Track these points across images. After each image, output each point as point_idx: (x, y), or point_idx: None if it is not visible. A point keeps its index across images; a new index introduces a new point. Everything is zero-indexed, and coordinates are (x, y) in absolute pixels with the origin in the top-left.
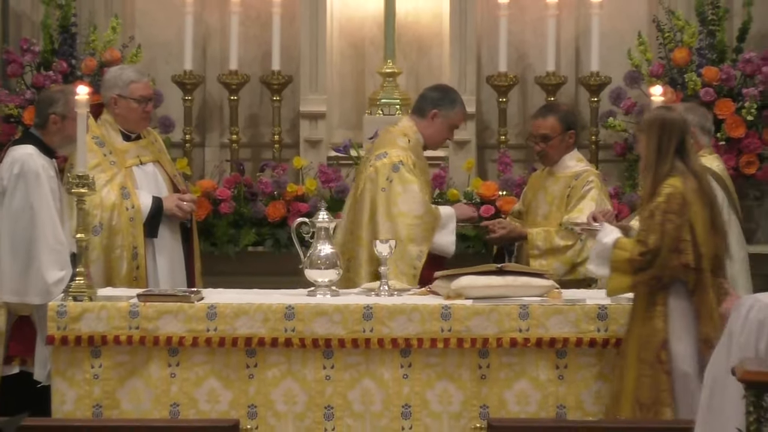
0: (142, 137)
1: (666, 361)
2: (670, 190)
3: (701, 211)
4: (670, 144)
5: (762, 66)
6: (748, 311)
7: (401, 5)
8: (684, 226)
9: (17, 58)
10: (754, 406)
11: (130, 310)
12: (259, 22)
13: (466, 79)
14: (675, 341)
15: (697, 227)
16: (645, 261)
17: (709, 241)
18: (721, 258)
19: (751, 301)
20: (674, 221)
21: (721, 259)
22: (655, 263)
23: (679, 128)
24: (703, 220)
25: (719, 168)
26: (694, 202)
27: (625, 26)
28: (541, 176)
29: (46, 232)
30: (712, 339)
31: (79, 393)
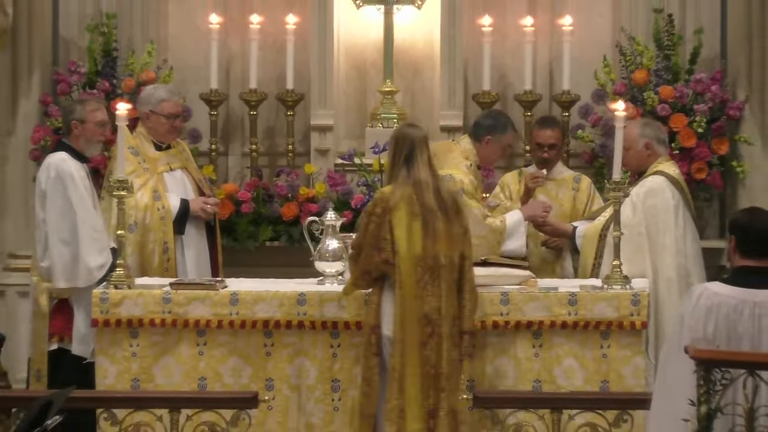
0: (171, 147)
1: (374, 344)
2: (377, 195)
3: (405, 216)
4: (400, 155)
5: (711, 85)
6: (698, 298)
7: (398, 32)
8: (384, 225)
9: (66, 78)
10: (704, 380)
11: (164, 296)
12: (275, 48)
13: (454, 97)
14: (384, 327)
15: (396, 229)
16: (353, 256)
17: (416, 243)
18: (468, 258)
19: (701, 289)
20: (375, 222)
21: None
22: (359, 259)
23: (409, 142)
24: (407, 224)
25: (676, 173)
26: (400, 208)
27: (592, 51)
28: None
29: (85, 225)
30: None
31: (120, 369)
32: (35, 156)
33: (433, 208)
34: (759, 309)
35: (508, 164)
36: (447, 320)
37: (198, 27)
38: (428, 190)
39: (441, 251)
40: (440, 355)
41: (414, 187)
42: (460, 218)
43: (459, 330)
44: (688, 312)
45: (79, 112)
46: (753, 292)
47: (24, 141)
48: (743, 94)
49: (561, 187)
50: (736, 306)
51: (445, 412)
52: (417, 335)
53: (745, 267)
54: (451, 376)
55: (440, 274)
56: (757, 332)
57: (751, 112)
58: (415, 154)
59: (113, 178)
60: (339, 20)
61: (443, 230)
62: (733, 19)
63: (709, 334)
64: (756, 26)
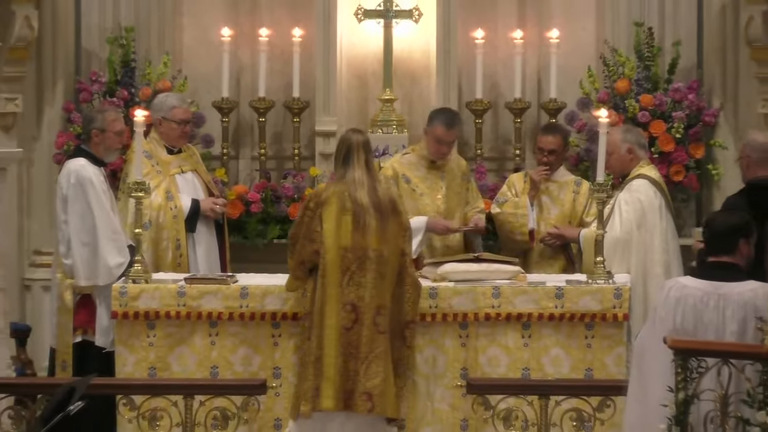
0: (182, 151)
1: (308, 329)
2: (312, 191)
3: (336, 210)
4: (340, 157)
5: (688, 94)
6: (668, 291)
7: (397, 44)
8: (315, 219)
9: (87, 87)
10: (681, 368)
11: (178, 290)
12: (282, 59)
13: (449, 104)
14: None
15: (325, 223)
16: (289, 248)
17: (343, 236)
18: (407, 254)
19: (672, 282)
20: (309, 215)
21: (406, 255)
22: (295, 250)
23: (347, 145)
24: (337, 217)
25: (657, 176)
26: (331, 203)
27: (577, 62)
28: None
29: (104, 227)
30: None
31: (138, 358)
32: (58, 160)
33: (366, 205)
34: (723, 300)
35: (500, 167)
36: (371, 309)
37: (210, 39)
38: (362, 189)
39: (370, 245)
40: (360, 340)
41: (348, 185)
42: (396, 217)
43: (401, 320)
44: (660, 304)
45: (100, 122)
46: (717, 284)
47: (48, 146)
48: (718, 102)
49: (562, 189)
50: (702, 297)
51: (359, 393)
52: (338, 321)
53: (710, 262)
54: (372, 362)
55: (367, 266)
56: (721, 322)
57: (725, 119)
58: (352, 156)
59: (131, 180)
60: (342, 33)
61: (375, 227)
62: (709, 33)
63: (678, 324)
64: (730, 39)
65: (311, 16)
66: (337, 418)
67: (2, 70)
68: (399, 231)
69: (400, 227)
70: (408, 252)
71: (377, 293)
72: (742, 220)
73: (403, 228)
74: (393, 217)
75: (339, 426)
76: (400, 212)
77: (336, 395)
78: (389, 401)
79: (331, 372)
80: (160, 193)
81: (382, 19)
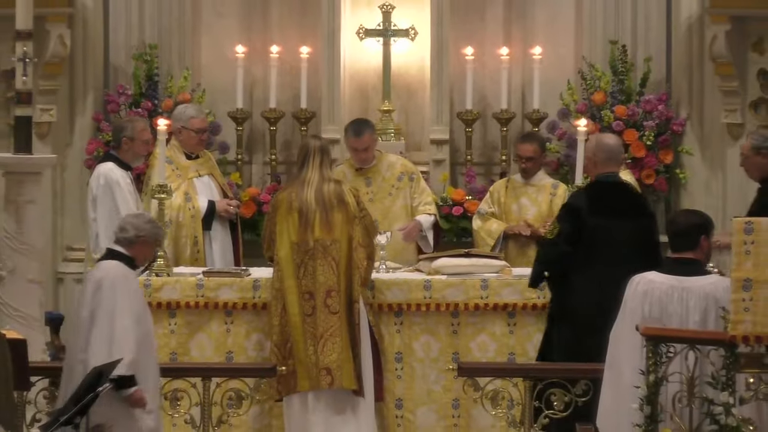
0: (200, 157)
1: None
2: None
3: (284, 212)
4: (298, 160)
5: (657, 105)
6: (636, 285)
7: (395, 60)
8: (272, 222)
9: (115, 98)
10: (652, 353)
11: (197, 283)
12: (291, 73)
13: (442, 114)
14: None
15: (277, 225)
16: (264, 249)
17: (292, 232)
18: (354, 238)
19: (639, 278)
20: (269, 219)
21: (353, 239)
22: (265, 250)
23: (305, 149)
24: (285, 217)
25: (632, 179)
26: (281, 206)
27: (558, 76)
28: (517, 186)
29: None
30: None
31: (160, 343)
32: (89, 164)
33: (310, 202)
34: (686, 293)
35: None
36: (321, 293)
37: (226, 56)
38: (310, 188)
39: (315, 237)
40: (317, 323)
41: (297, 186)
42: (342, 209)
43: (350, 299)
44: (630, 296)
45: (130, 131)
46: (681, 278)
47: (80, 152)
48: (685, 112)
49: (540, 191)
50: (667, 290)
51: (319, 370)
52: (300, 309)
53: (673, 258)
54: (327, 340)
55: (316, 255)
56: (685, 312)
57: (692, 128)
58: (308, 159)
59: (154, 183)
60: (345, 50)
61: (319, 219)
62: (677, 50)
63: (646, 314)
64: (695, 56)
65: (317, 35)
66: (310, 398)
67: (38, 83)
68: (345, 220)
69: (347, 217)
70: (356, 237)
71: (325, 279)
72: (702, 219)
73: (350, 217)
74: (339, 209)
75: (313, 404)
76: (347, 203)
77: (309, 376)
78: (347, 374)
79: (301, 356)
80: (180, 195)
81: (381, 38)
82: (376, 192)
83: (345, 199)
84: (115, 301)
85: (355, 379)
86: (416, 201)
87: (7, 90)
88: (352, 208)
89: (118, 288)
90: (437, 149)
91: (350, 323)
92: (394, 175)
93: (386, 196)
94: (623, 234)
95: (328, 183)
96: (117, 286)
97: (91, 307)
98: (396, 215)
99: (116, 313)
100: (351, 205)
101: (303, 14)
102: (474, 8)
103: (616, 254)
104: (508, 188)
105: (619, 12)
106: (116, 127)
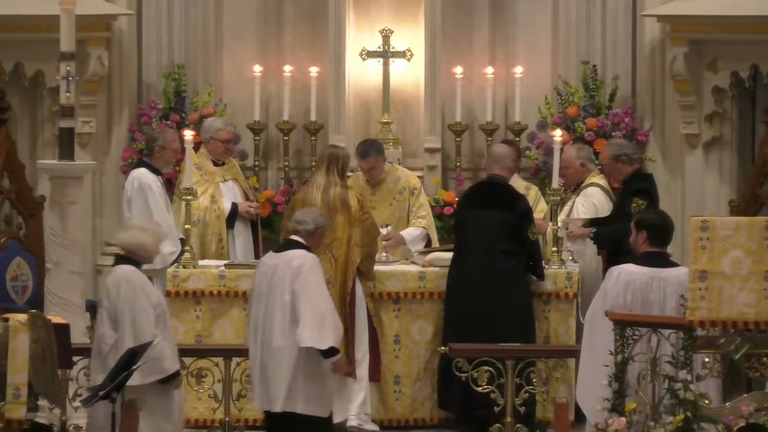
0: (225, 163)
1: None
2: None
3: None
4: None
5: (624, 118)
6: (617, 276)
7: (393, 78)
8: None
9: (147, 112)
10: (619, 336)
11: (220, 274)
12: (302, 90)
13: (435, 126)
14: None
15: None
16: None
17: None
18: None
19: (619, 269)
20: (287, 216)
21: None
22: None
23: (320, 157)
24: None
25: (605, 184)
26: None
27: (536, 92)
28: None
29: (160, 223)
30: None
31: (187, 327)
32: (124, 170)
33: (317, 203)
34: (663, 283)
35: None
36: (337, 286)
37: (245, 75)
38: (318, 190)
39: None
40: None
41: (309, 189)
42: (344, 211)
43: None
44: (610, 286)
45: (162, 141)
46: (658, 270)
47: (116, 159)
48: (648, 124)
49: None
50: (647, 281)
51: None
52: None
53: (651, 252)
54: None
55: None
56: (663, 300)
57: (654, 138)
58: (319, 165)
59: (182, 186)
60: (349, 69)
61: None
62: (641, 69)
63: (628, 302)
64: (658, 74)
65: (325, 56)
66: None
67: (80, 99)
68: (347, 221)
69: (348, 218)
70: (355, 237)
71: (324, 271)
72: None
73: (351, 219)
74: (341, 211)
75: None
76: (350, 206)
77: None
78: None
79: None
80: (206, 197)
81: (381, 59)
82: (378, 201)
83: (348, 202)
84: (317, 282)
85: (348, 362)
86: (412, 214)
87: (53, 105)
88: (353, 211)
89: (314, 271)
90: (430, 156)
91: (343, 313)
92: (397, 188)
93: (387, 206)
94: (487, 222)
95: (334, 187)
96: (314, 269)
97: (293, 289)
98: (393, 224)
99: (319, 293)
100: (353, 208)
101: (312, 38)
102: (463, 33)
103: (478, 239)
104: None
105: (590, 36)
106: (149, 137)
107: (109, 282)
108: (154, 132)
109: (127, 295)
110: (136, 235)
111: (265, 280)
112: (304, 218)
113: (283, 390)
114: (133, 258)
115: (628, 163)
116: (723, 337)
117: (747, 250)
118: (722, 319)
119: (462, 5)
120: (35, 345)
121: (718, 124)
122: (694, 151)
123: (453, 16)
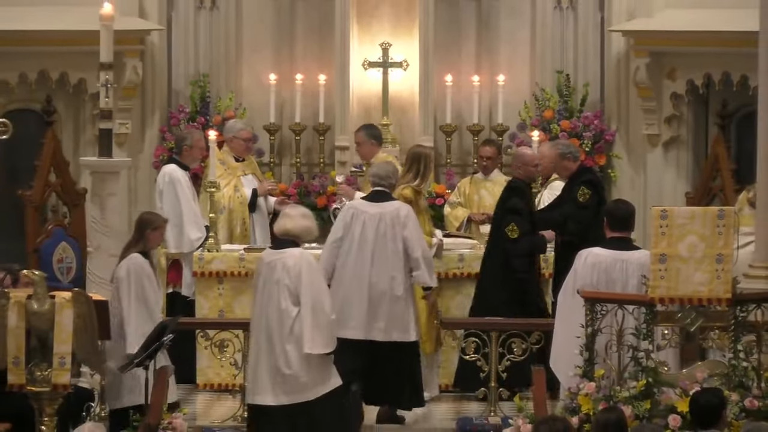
0: (245, 160)
1: None
2: None
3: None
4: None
5: (594, 120)
6: (585, 257)
7: (391, 86)
8: None
9: (176, 115)
10: (589, 311)
11: (240, 257)
12: (312, 96)
13: (428, 127)
14: None
15: None
16: None
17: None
18: None
19: (587, 252)
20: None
21: None
22: None
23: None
24: None
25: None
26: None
27: (516, 97)
28: (479, 181)
29: (187, 212)
30: None
31: (211, 304)
32: (156, 166)
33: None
34: (625, 264)
35: (462, 171)
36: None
37: (262, 82)
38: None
39: None
40: None
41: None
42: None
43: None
44: (579, 267)
45: (190, 140)
46: (621, 253)
47: (149, 156)
48: (615, 125)
49: (496, 185)
50: (611, 263)
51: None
52: None
53: (614, 237)
54: None
55: None
56: (625, 279)
57: (620, 138)
58: (406, 163)
59: (207, 180)
60: (353, 78)
61: None
62: (609, 77)
63: (594, 281)
64: (623, 81)
65: (332, 66)
66: None
67: (117, 103)
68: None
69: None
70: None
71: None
72: (633, 207)
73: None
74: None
75: None
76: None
77: None
78: None
79: None
80: (230, 188)
81: (381, 68)
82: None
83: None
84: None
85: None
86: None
87: (93, 109)
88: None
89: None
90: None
91: None
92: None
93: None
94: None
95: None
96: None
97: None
98: None
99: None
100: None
101: (321, 50)
102: (452, 45)
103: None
104: (471, 183)
105: (564, 48)
106: (178, 137)
107: (291, 263)
108: (183, 132)
109: (310, 276)
110: (299, 221)
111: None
112: (387, 173)
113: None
114: (296, 241)
115: (572, 160)
116: (680, 312)
117: (701, 236)
118: (679, 296)
119: (452, 21)
120: (78, 319)
121: (676, 126)
122: (654, 150)
123: (444, 31)
